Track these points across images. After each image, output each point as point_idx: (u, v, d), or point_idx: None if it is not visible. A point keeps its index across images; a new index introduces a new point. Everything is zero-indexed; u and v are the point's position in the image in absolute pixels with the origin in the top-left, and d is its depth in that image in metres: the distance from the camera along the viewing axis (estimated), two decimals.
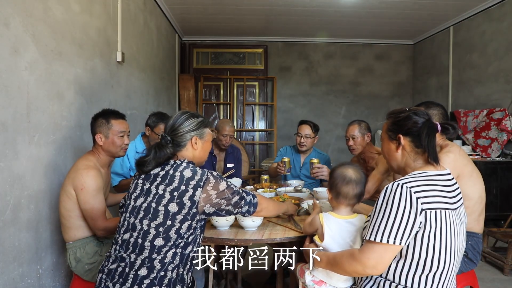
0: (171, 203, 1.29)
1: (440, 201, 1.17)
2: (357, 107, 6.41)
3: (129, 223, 1.34)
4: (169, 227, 1.29)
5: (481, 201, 1.77)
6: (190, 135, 1.45)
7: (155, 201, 1.31)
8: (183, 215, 1.30)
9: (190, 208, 1.30)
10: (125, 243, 1.32)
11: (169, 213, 1.29)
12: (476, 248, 1.75)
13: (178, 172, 1.34)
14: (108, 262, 1.34)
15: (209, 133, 1.54)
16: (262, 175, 2.75)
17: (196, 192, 1.31)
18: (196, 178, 1.33)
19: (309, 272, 1.43)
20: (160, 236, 1.28)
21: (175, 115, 1.50)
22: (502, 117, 4.15)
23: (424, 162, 1.28)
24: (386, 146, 1.38)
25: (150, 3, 4.15)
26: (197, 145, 1.47)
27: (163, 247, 1.28)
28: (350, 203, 1.42)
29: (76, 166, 1.80)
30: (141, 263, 1.27)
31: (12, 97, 1.73)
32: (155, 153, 1.39)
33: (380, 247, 1.16)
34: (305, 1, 4.53)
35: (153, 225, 1.29)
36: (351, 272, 1.24)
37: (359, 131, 2.61)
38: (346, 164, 1.49)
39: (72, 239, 1.80)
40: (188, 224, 1.31)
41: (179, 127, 1.45)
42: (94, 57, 2.66)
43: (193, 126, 1.47)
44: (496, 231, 3.14)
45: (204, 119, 1.52)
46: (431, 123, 1.27)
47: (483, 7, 4.54)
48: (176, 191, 1.30)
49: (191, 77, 5.84)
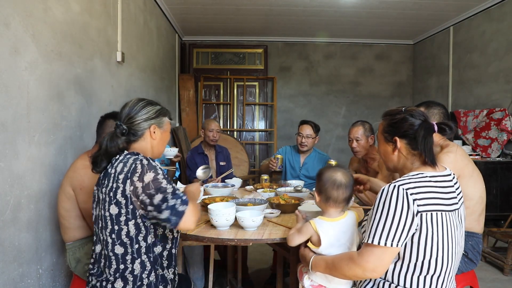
0: (111, 206, 1.21)
1: (437, 203, 1.16)
2: (357, 107, 6.41)
3: (97, 235, 1.30)
4: (118, 232, 1.22)
5: (482, 201, 1.77)
6: (148, 124, 1.34)
7: (102, 207, 1.25)
8: (125, 215, 1.21)
9: (126, 205, 1.20)
10: (97, 256, 1.29)
11: (113, 216, 1.21)
12: (476, 248, 1.75)
13: (113, 169, 1.24)
14: (90, 277, 1.31)
15: (168, 122, 1.44)
16: (262, 175, 2.75)
17: (126, 186, 1.19)
18: (125, 170, 1.21)
19: (307, 277, 1.42)
20: (116, 243, 1.22)
21: (131, 102, 1.37)
22: (502, 117, 4.15)
23: (421, 163, 1.26)
24: (382, 147, 1.37)
25: (150, 3, 4.15)
26: (156, 135, 1.37)
27: (125, 255, 1.22)
28: (339, 206, 1.39)
29: (75, 166, 1.80)
30: (114, 276, 1.23)
31: (12, 97, 1.73)
32: (105, 147, 1.28)
33: (378, 249, 1.15)
34: (305, 1, 4.53)
35: (107, 233, 1.23)
36: (350, 276, 1.23)
37: (364, 133, 2.55)
38: (334, 167, 1.46)
39: (72, 239, 1.80)
40: (133, 223, 1.21)
41: (136, 115, 1.33)
42: (94, 57, 2.66)
43: (152, 114, 1.36)
44: (496, 231, 3.14)
45: (162, 108, 1.42)
46: (427, 123, 1.26)
47: (483, 7, 4.54)
48: (111, 191, 1.22)
49: (191, 77, 5.84)
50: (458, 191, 1.27)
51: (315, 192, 1.44)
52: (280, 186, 2.59)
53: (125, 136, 1.32)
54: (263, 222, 1.70)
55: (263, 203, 1.88)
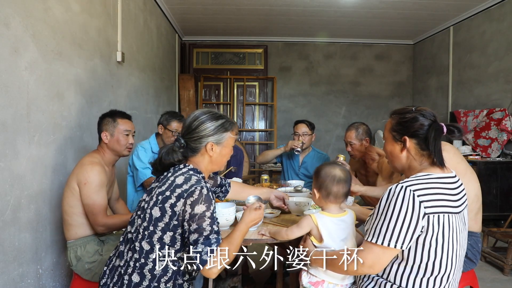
0: (155, 207, 1.22)
1: (444, 204, 1.15)
2: (357, 107, 6.41)
3: (133, 218, 1.32)
4: (151, 233, 1.22)
5: (478, 199, 1.76)
6: (205, 141, 1.31)
7: (148, 201, 1.27)
8: (165, 224, 1.21)
9: (171, 218, 1.20)
10: (126, 237, 1.31)
11: (152, 217, 1.22)
12: (476, 248, 1.75)
13: (173, 177, 1.26)
14: (113, 255, 1.34)
15: (230, 138, 1.37)
16: (262, 175, 2.75)
17: (178, 202, 1.19)
18: (184, 187, 1.20)
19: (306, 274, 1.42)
20: (145, 240, 1.23)
21: (193, 114, 1.34)
22: (502, 117, 4.15)
23: (429, 164, 1.24)
24: (389, 146, 1.32)
25: (150, 3, 4.15)
26: (213, 152, 1.33)
27: (150, 253, 1.22)
28: (339, 201, 1.41)
29: (81, 162, 1.84)
30: (133, 266, 1.23)
31: (12, 97, 1.73)
32: (160, 158, 1.33)
33: (378, 249, 1.15)
34: (305, 1, 4.53)
35: (142, 226, 1.24)
36: (348, 271, 1.23)
37: (356, 136, 2.56)
38: (331, 164, 1.46)
39: (74, 237, 1.81)
40: (171, 236, 1.21)
41: (195, 130, 1.31)
42: (94, 57, 2.66)
43: (210, 131, 1.31)
44: (496, 231, 3.14)
45: (225, 122, 1.35)
46: (437, 125, 1.23)
47: (483, 7, 4.54)
48: (161, 195, 1.22)
49: (191, 77, 5.84)
50: (462, 193, 1.25)
51: (313, 189, 1.44)
52: (280, 186, 2.59)
53: (183, 149, 1.32)
54: (263, 222, 1.70)
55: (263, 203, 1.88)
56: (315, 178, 1.44)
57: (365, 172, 2.72)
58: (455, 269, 1.20)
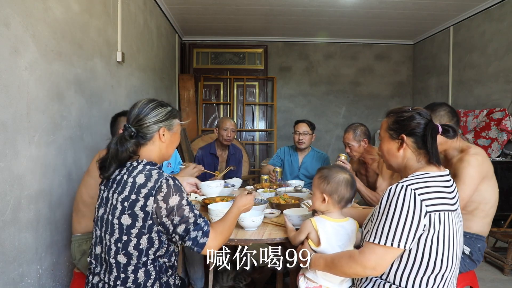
0: (123, 215, 1.17)
1: (443, 202, 1.16)
2: (357, 107, 6.41)
3: (97, 236, 1.26)
4: (126, 242, 1.17)
5: (495, 205, 1.77)
6: (157, 126, 1.29)
7: (111, 212, 1.21)
8: (138, 229, 1.17)
9: (144, 220, 1.17)
10: (98, 258, 1.26)
11: (123, 226, 1.17)
12: (481, 251, 1.75)
13: (131, 178, 1.21)
14: (90, 275, 1.29)
15: (178, 124, 1.38)
16: (262, 175, 2.75)
17: (148, 201, 1.16)
18: (149, 185, 1.18)
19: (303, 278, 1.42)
20: (120, 252, 1.18)
21: (140, 102, 1.32)
22: (502, 117, 4.15)
23: (426, 163, 1.26)
24: (386, 145, 1.34)
25: (150, 3, 4.15)
26: (165, 137, 1.31)
27: (127, 266, 1.18)
28: (348, 204, 1.43)
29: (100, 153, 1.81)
30: (114, 283, 1.19)
31: (12, 97, 1.73)
32: (115, 151, 1.23)
33: (381, 249, 1.15)
34: (305, 1, 4.53)
35: (112, 240, 1.19)
36: (350, 274, 1.23)
37: (354, 138, 2.57)
38: (336, 168, 1.47)
39: (84, 230, 1.81)
40: (147, 238, 1.18)
41: (145, 117, 1.28)
42: (94, 57, 2.66)
43: (162, 116, 1.30)
44: (496, 231, 3.14)
45: (173, 109, 1.36)
46: (433, 124, 1.26)
47: (483, 7, 4.54)
48: (127, 201, 1.17)
49: (191, 77, 5.84)
50: (455, 191, 1.27)
51: (322, 194, 1.42)
52: (280, 186, 2.59)
53: (134, 139, 1.27)
54: (263, 222, 1.70)
55: (263, 203, 1.88)
56: (325, 183, 1.42)
57: (365, 172, 2.72)
58: (454, 266, 1.21)
